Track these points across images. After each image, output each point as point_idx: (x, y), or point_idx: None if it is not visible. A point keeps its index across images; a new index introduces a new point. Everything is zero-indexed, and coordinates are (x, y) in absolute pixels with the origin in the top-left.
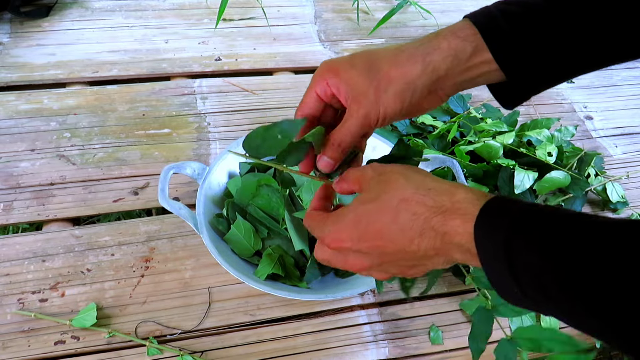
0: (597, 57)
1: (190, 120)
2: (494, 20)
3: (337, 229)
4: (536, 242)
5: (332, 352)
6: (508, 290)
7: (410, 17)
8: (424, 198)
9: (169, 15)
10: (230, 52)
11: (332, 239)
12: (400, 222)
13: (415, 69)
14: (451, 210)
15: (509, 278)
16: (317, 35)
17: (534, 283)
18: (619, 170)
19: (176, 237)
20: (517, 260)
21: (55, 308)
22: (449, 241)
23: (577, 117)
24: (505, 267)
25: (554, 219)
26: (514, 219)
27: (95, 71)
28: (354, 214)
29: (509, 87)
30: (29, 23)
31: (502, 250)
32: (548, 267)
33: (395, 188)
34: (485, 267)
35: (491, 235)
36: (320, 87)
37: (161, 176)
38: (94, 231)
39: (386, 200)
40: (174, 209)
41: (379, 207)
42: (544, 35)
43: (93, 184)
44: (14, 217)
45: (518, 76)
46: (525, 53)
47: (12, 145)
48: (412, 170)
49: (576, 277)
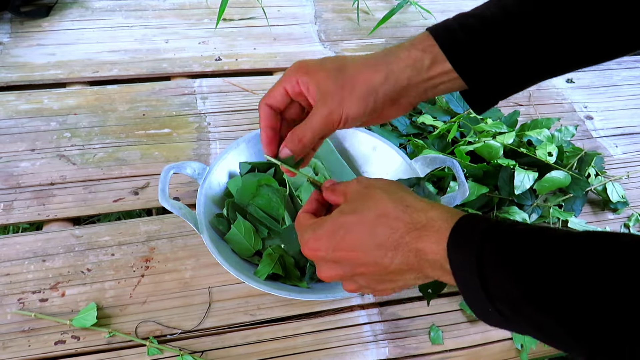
0: (552, 64)
1: (191, 120)
2: (452, 32)
3: (314, 237)
4: (506, 258)
5: (332, 352)
6: (483, 308)
7: (410, 17)
8: (402, 214)
9: (169, 15)
10: (231, 52)
11: (309, 247)
12: (377, 235)
13: (379, 77)
14: (426, 227)
15: (482, 295)
16: (317, 35)
17: (506, 299)
18: (619, 170)
19: (176, 237)
20: (489, 276)
21: (56, 308)
22: (423, 258)
23: (577, 117)
24: (478, 284)
25: (523, 236)
26: (485, 236)
27: (95, 71)
28: (333, 223)
29: (473, 93)
30: (29, 23)
31: (475, 267)
32: (517, 283)
33: (376, 202)
34: (459, 284)
35: (464, 252)
36: (290, 84)
37: (161, 176)
38: (94, 231)
39: (366, 213)
40: (174, 208)
41: (357, 219)
42: (500, 45)
43: (93, 184)
44: (14, 217)
45: (479, 84)
46: (483, 62)
47: (12, 145)
48: (394, 185)
49: (543, 291)
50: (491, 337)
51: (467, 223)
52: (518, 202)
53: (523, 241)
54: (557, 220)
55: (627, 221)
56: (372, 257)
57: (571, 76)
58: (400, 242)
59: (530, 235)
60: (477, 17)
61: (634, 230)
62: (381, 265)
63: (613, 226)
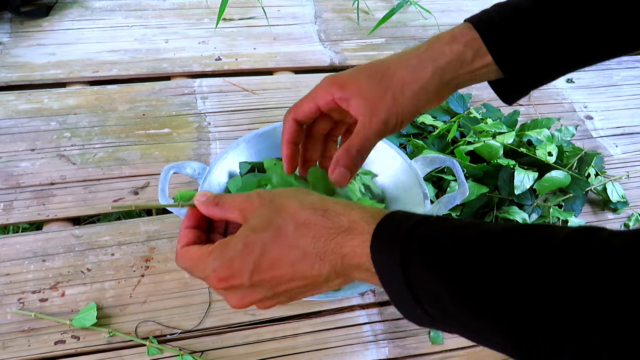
0: (588, 53)
1: (191, 120)
2: (493, 24)
3: (224, 265)
4: (429, 256)
5: (332, 352)
6: (411, 310)
7: (410, 17)
8: (322, 220)
9: (169, 15)
10: (231, 51)
11: (220, 277)
12: (301, 247)
13: (427, 73)
14: (349, 230)
15: (408, 296)
16: (317, 35)
17: (432, 299)
18: (619, 170)
19: (176, 237)
20: (413, 277)
21: (56, 308)
22: (349, 263)
23: (577, 117)
24: (404, 286)
25: (446, 232)
26: (408, 236)
27: (95, 71)
28: (244, 244)
29: (508, 83)
30: (29, 23)
31: (399, 269)
32: (441, 282)
33: (291, 213)
34: (385, 286)
35: (387, 253)
36: (324, 101)
37: (161, 176)
38: (94, 231)
39: (282, 227)
40: (174, 208)
41: (274, 234)
42: (536, 35)
43: (93, 184)
44: (14, 216)
45: (515, 74)
46: (521, 52)
47: (12, 145)
48: (302, 192)
49: (469, 289)
50: None
51: (389, 223)
52: (518, 202)
53: (447, 239)
54: (557, 220)
55: (627, 221)
56: (300, 271)
57: (571, 76)
58: (325, 250)
59: (455, 232)
60: (513, 7)
61: None
62: (311, 277)
63: (613, 225)
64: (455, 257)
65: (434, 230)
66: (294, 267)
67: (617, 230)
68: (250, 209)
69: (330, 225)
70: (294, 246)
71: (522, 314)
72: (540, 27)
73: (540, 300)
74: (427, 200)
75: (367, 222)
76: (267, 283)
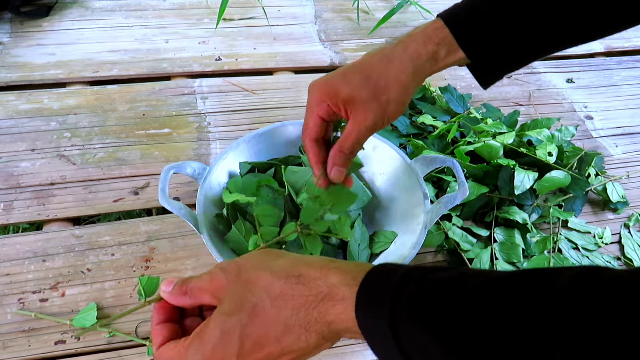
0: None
1: (191, 120)
2: (461, 18)
3: (206, 356)
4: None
5: (332, 352)
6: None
7: (410, 17)
8: (299, 288)
9: (169, 15)
10: (231, 51)
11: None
12: (282, 321)
13: (408, 75)
14: (329, 296)
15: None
16: (318, 35)
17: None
18: (619, 170)
19: (176, 237)
20: (403, 338)
21: (56, 308)
22: (336, 328)
23: (577, 117)
24: (395, 348)
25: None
26: (394, 295)
27: (95, 71)
28: (221, 331)
29: (481, 70)
30: (29, 23)
31: (388, 330)
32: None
33: (263, 287)
34: (376, 352)
35: (373, 318)
36: (323, 111)
37: (161, 176)
38: (94, 231)
39: (258, 304)
40: (175, 209)
41: (251, 313)
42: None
43: (93, 184)
44: (14, 216)
45: (486, 63)
46: (489, 43)
47: (12, 145)
48: (271, 256)
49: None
50: None
51: (372, 283)
52: (518, 202)
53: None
54: (557, 220)
55: (627, 221)
56: (287, 345)
57: (571, 76)
58: (308, 320)
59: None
60: None
61: (634, 230)
62: (299, 350)
63: (613, 226)
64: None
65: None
66: (280, 343)
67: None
68: (220, 289)
69: (308, 292)
70: (274, 322)
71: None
72: (504, 17)
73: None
74: (427, 200)
75: (348, 284)
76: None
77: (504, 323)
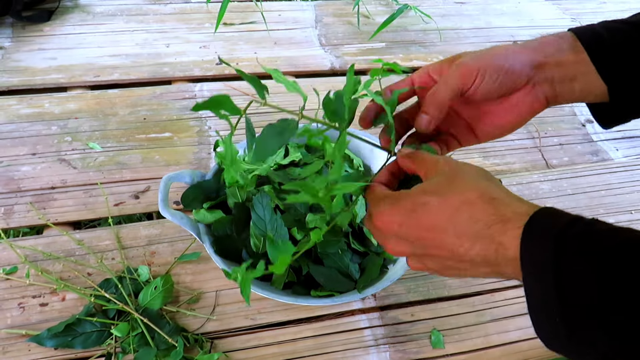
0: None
1: (191, 124)
2: (595, 32)
3: (390, 211)
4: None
5: (332, 357)
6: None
7: (410, 22)
8: (488, 206)
9: (170, 20)
10: (231, 56)
11: (383, 219)
12: (457, 222)
13: (514, 49)
14: (512, 220)
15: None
16: (318, 39)
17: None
18: (620, 173)
19: (177, 241)
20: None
21: (56, 312)
22: (503, 253)
23: (577, 121)
24: (551, 281)
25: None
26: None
27: (96, 75)
28: (412, 201)
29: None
30: (31, 27)
31: (551, 260)
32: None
33: (462, 188)
34: (526, 280)
35: (539, 243)
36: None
37: (160, 186)
38: (95, 235)
39: (449, 198)
40: (176, 218)
41: (440, 201)
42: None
43: (94, 188)
44: (15, 221)
45: (620, 92)
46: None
47: (13, 149)
48: (482, 175)
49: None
50: (492, 341)
51: (546, 214)
52: None
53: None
54: None
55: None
56: (447, 243)
57: None
58: (481, 234)
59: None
60: (621, 21)
61: None
62: (455, 253)
63: None
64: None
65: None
66: (444, 239)
67: None
68: (432, 169)
69: (494, 212)
70: (451, 220)
71: None
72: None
73: None
74: None
75: (528, 214)
76: (419, 242)
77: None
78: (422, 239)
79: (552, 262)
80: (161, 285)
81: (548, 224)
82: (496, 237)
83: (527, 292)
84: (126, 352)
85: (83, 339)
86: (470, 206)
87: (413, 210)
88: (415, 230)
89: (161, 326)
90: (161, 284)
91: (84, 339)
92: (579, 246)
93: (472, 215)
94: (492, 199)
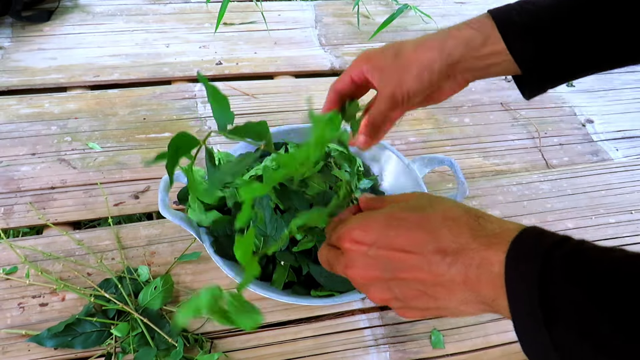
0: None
1: (191, 124)
2: (509, 13)
3: (361, 227)
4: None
5: (332, 357)
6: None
7: (410, 22)
8: (473, 222)
9: (170, 20)
10: (231, 56)
11: (352, 236)
12: (439, 238)
13: (433, 54)
14: (499, 235)
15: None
16: (318, 39)
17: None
18: (620, 174)
19: (177, 241)
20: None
21: (56, 312)
22: (486, 270)
23: (577, 121)
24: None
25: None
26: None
27: (96, 75)
28: (386, 215)
29: (525, 78)
30: (30, 27)
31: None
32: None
33: (444, 208)
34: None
35: (525, 261)
36: (355, 72)
37: (160, 187)
38: (95, 235)
39: (431, 214)
40: (176, 219)
41: (421, 217)
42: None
43: (94, 188)
44: (15, 221)
45: (531, 69)
46: (536, 46)
47: (13, 149)
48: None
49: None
50: (492, 341)
51: (533, 233)
52: None
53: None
54: None
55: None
56: (427, 261)
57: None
58: (464, 247)
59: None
60: (535, 3)
61: None
62: (433, 272)
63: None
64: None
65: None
66: (424, 256)
67: None
68: (406, 198)
69: (478, 227)
70: (433, 235)
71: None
72: (557, 23)
73: None
74: None
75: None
76: (391, 263)
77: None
78: (395, 260)
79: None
80: (161, 285)
81: (536, 241)
82: (480, 252)
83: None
84: (126, 352)
85: (83, 339)
86: (454, 222)
87: (388, 224)
88: (388, 250)
89: (161, 326)
90: (161, 284)
91: (84, 339)
92: (567, 266)
93: (455, 231)
94: (478, 217)
